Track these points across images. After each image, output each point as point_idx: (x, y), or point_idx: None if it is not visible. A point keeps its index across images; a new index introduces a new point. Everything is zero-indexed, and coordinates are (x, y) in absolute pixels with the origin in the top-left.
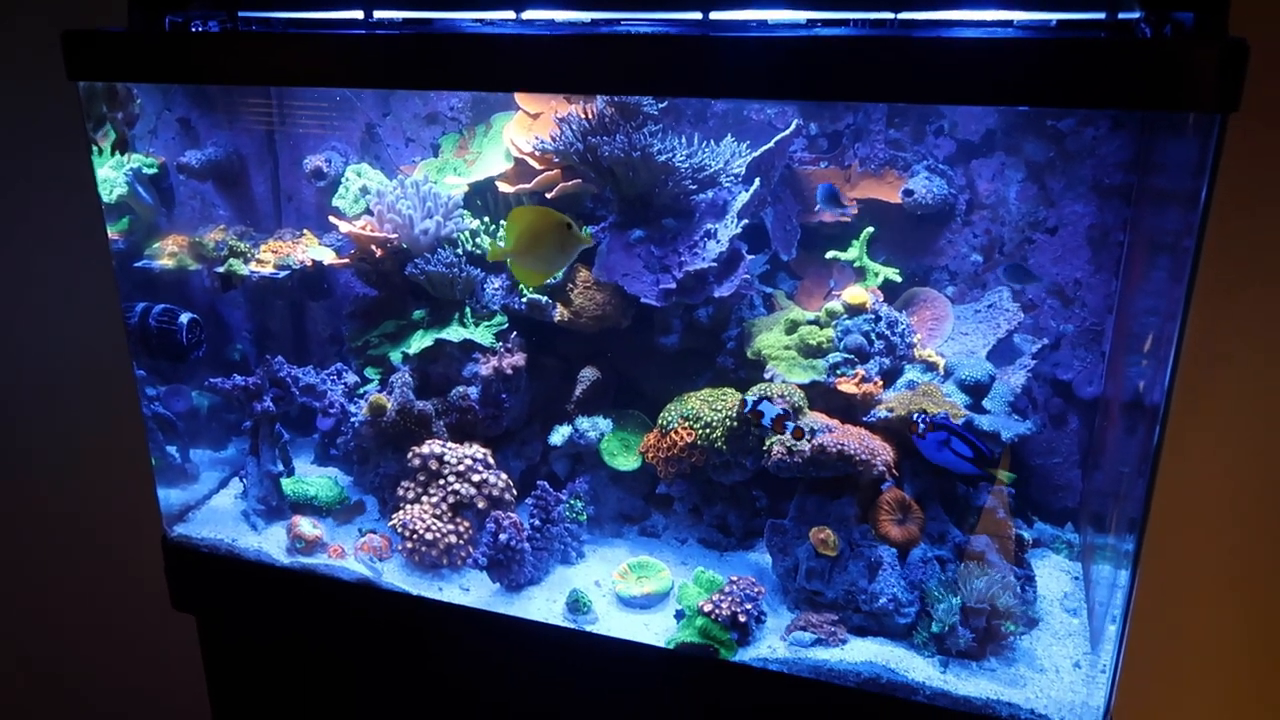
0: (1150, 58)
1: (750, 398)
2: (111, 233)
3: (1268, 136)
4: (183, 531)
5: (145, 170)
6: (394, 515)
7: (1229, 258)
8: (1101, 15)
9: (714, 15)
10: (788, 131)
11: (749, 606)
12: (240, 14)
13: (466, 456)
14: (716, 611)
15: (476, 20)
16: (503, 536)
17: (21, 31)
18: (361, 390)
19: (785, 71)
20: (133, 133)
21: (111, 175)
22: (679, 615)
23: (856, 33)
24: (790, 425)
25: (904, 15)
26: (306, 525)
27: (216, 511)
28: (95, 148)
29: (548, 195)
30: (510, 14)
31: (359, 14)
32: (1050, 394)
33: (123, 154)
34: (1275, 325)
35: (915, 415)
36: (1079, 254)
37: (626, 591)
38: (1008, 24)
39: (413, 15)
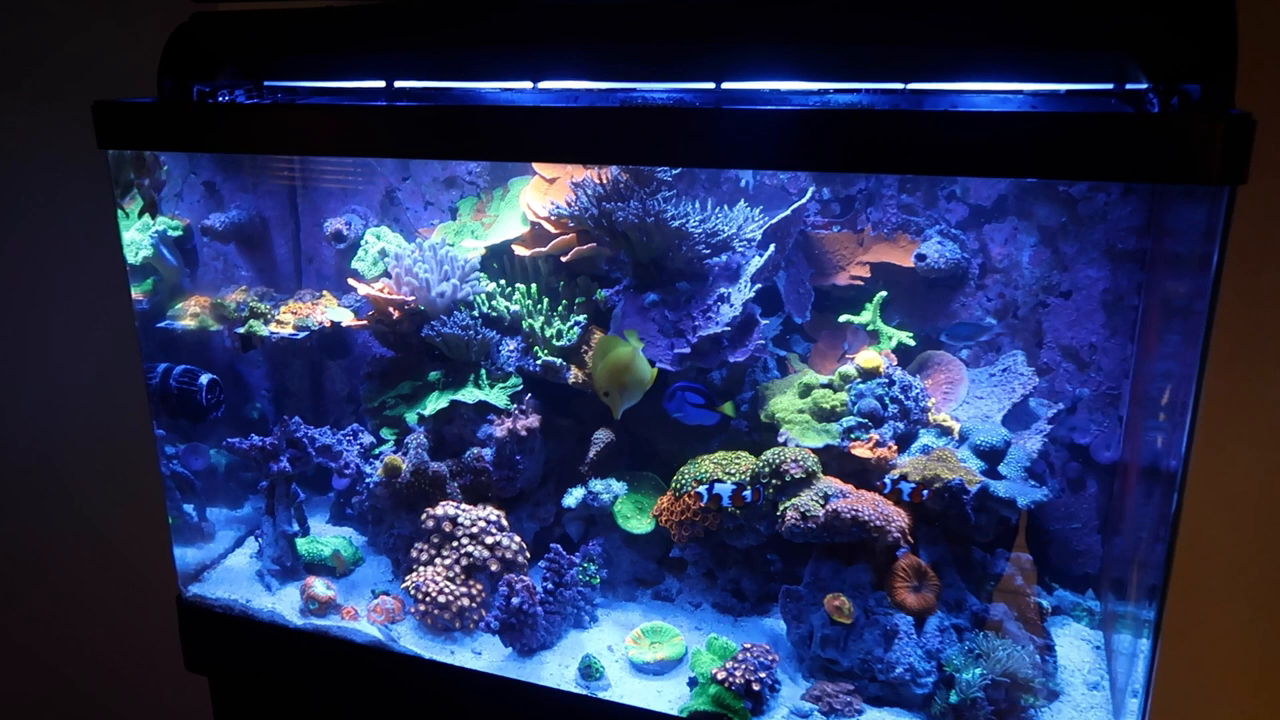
0: (1155, 132)
1: (702, 490)
2: (136, 293)
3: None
4: (198, 591)
5: (170, 232)
6: (407, 577)
7: (1243, 321)
8: (1110, 86)
9: (726, 85)
10: (804, 200)
11: (763, 675)
12: (266, 83)
13: (480, 518)
14: (730, 679)
15: (495, 88)
16: (515, 600)
17: (51, 96)
18: (377, 451)
19: (797, 143)
20: (160, 196)
21: (138, 238)
22: (692, 682)
23: (868, 103)
24: (747, 495)
25: (914, 86)
26: (320, 586)
27: (231, 571)
28: (122, 211)
29: (563, 259)
30: (527, 84)
31: (380, 83)
32: (1068, 458)
33: (151, 218)
34: None
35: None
36: (1093, 318)
37: (640, 657)
38: (1017, 94)
39: (432, 85)
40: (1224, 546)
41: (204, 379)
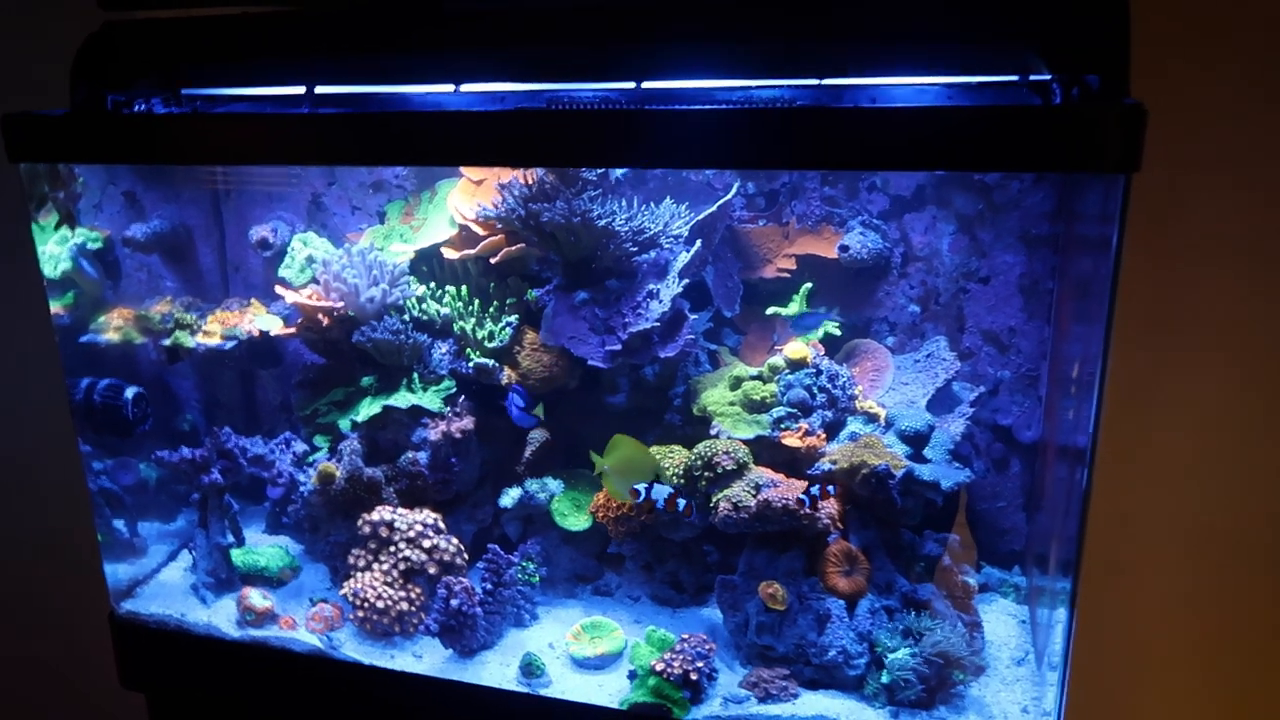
0: (1053, 123)
1: (640, 486)
2: (56, 308)
3: (1175, 182)
4: (131, 607)
5: (90, 245)
6: (345, 584)
7: (1145, 301)
8: (1015, 78)
9: (646, 84)
10: (729, 195)
11: (700, 664)
12: (183, 91)
13: (417, 522)
14: (668, 670)
15: (419, 92)
16: (454, 602)
17: None
18: (310, 459)
19: (721, 141)
20: (77, 208)
21: (56, 251)
22: (632, 675)
23: (789, 99)
24: (681, 502)
25: (829, 81)
26: (257, 597)
27: (165, 586)
28: (37, 225)
29: (492, 260)
30: (449, 87)
31: (300, 89)
32: (991, 439)
33: (70, 229)
34: (1196, 359)
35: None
36: (1011, 302)
37: (580, 653)
38: (932, 85)
39: (353, 91)
40: (1136, 518)
41: (129, 393)
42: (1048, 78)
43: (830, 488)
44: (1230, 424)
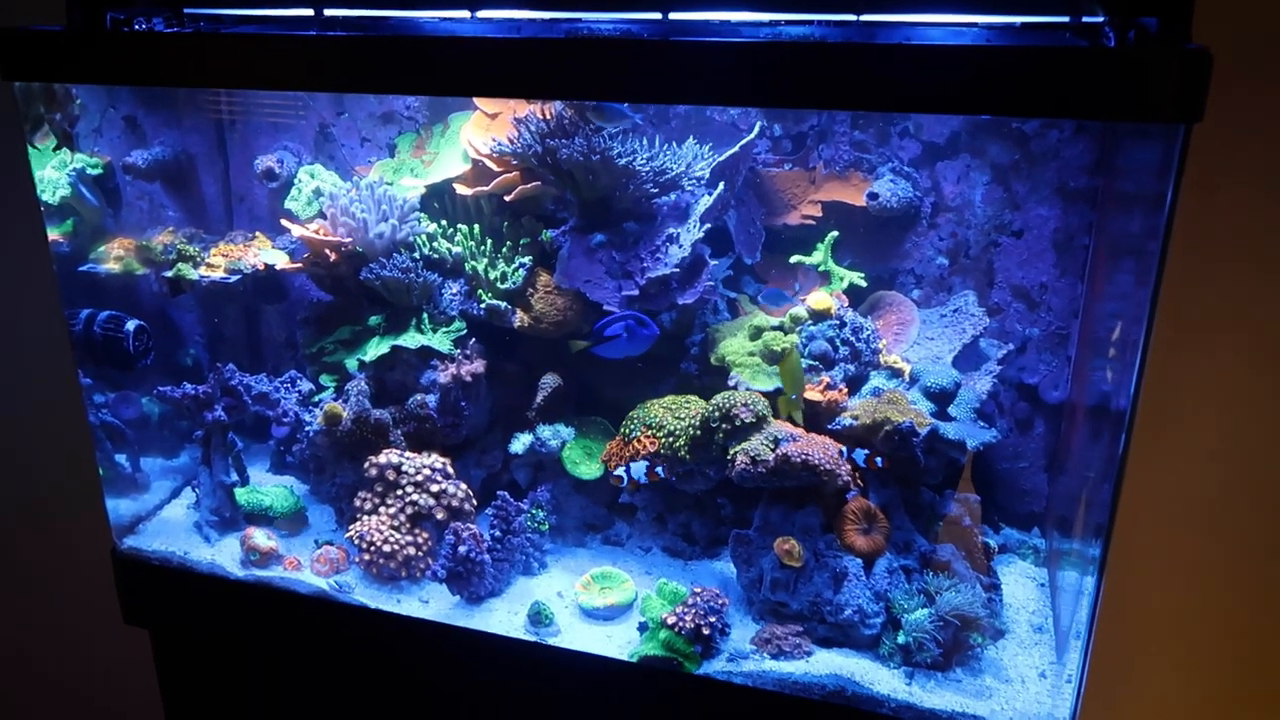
0: (1109, 68)
1: (621, 472)
2: (55, 235)
3: (1232, 137)
4: (133, 544)
5: (90, 170)
6: (351, 527)
7: (1195, 261)
8: (1065, 19)
9: (673, 15)
10: (751, 135)
11: (712, 619)
12: (186, 10)
13: (425, 466)
14: (680, 624)
15: (431, 18)
16: (462, 548)
17: None
18: (316, 398)
19: (747, 78)
20: (75, 131)
21: (54, 176)
22: (642, 628)
23: (820, 35)
24: (661, 470)
25: (866, 17)
26: (261, 537)
27: (168, 523)
28: (33, 148)
29: (507, 198)
30: (465, 13)
31: (309, 11)
32: (1016, 398)
33: (71, 151)
34: (1241, 327)
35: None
36: (1044, 258)
37: (589, 603)
38: (972, 26)
39: (364, 14)
40: (1170, 485)
41: (130, 325)
42: (1100, 19)
43: (878, 460)
44: (1266, 398)
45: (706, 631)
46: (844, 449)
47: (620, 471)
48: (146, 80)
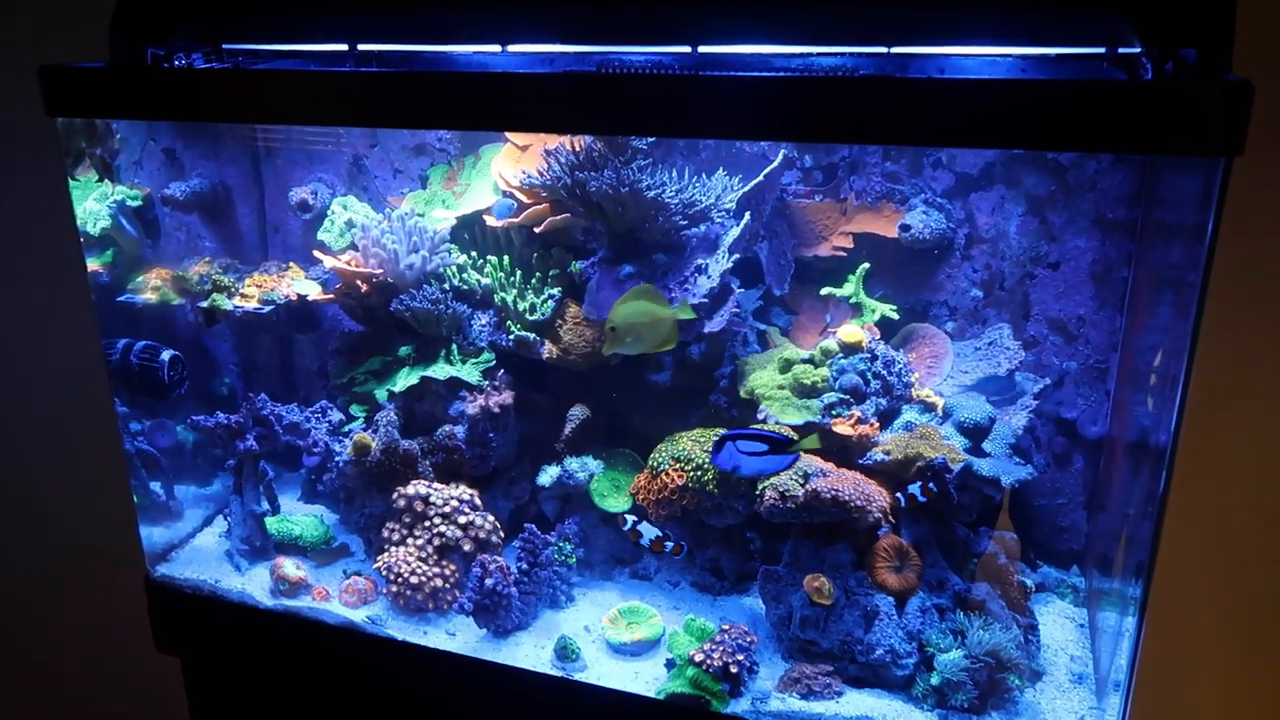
0: (1149, 101)
1: (631, 517)
2: (95, 265)
3: (1275, 167)
4: (166, 571)
5: (130, 202)
6: (379, 558)
7: (1237, 293)
8: (1102, 49)
9: (703, 49)
10: (775, 164)
11: (741, 657)
12: (224, 46)
13: (453, 498)
14: (708, 662)
15: (464, 52)
16: (489, 581)
17: None
18: (346, 428)
19: (778, 112)
20: (116, 164)
21: (95, 208)
22: (670, 664)
23: (851, 67)
24: (669, 545)
25: (898, 50)
26: (290, 567)
27: (200, 551)
28: (73, 180)
29: (536, 230)
30: (497, 47)
31: (344, 46)
32: (1054, 433)
33: (111, 183)
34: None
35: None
36: (1081, 290)
37: (616, 638)
38: (1006, 58)
39: (398, 49)
40: (1212, 524)
41: (166, 355)
42: (1137, 50)
43: (932, 484)
44: None
45: (735, 670)
46: (899, 494)
47: (629, 517)
48: (186, 116)
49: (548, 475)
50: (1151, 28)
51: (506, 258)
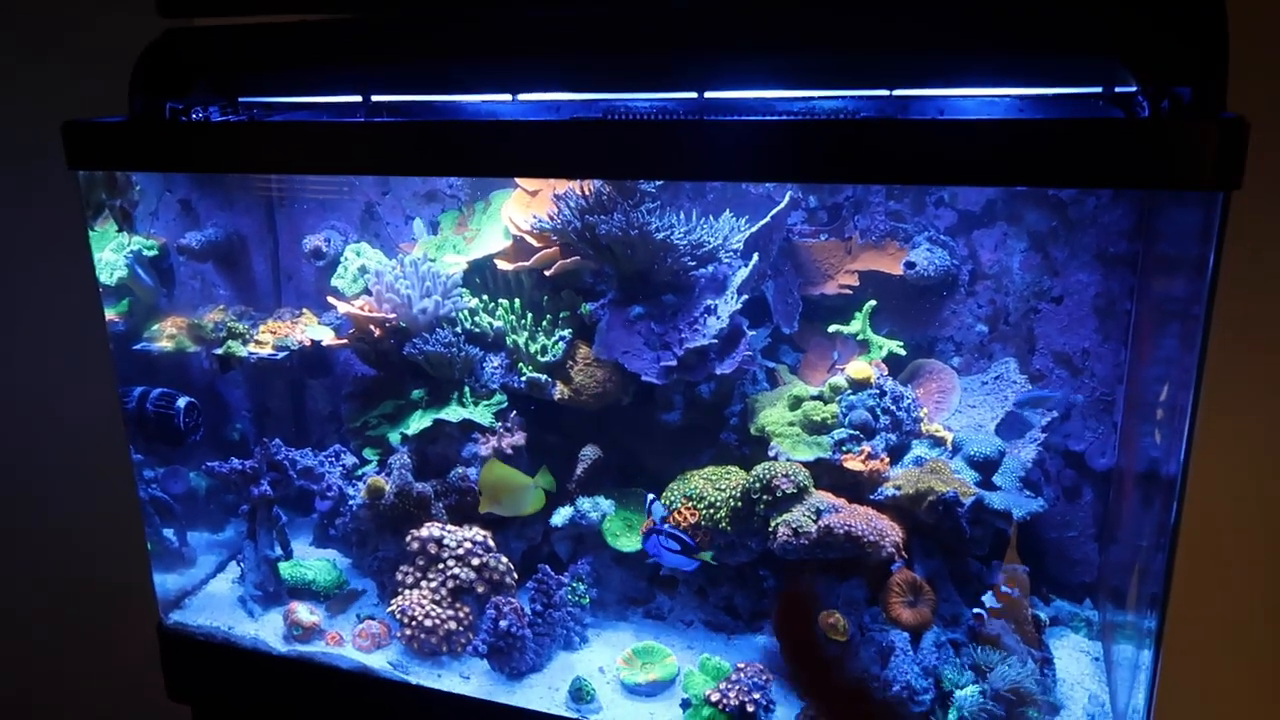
0: (1145, 138)
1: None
2: (111, 314)
3: (1274, 199)
4: (179, 619)
5: (146, 252)
6: (393, 601)
7: (1240, 325)
8: (1098, 89)
9: (708, 94)
10: (781, 205)
11: (757, 695)
12: (240, 100)
13: (466, 539)
14: (724, 701)
15: (474, 101)
16: (503, 623)
17: (19, 116)
18: (360, 472)
19: (783, 155)
20: (134, 215)
21: (112, 258)
22: (685, 704)
23: (853, 110)
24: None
25: (899, 92)
26: (304, 612)
27: (213, 597)
28: (93, 231)
29: (547, 273)
30: (506, 96)
31: (357, 98)
32: (1062, 466)
33: (129, 234)
34: None
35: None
36: (1086, 323)
37: (631, 679)
38: (1004, 98)
39: (410, 99)
40: (1224, 554)
41: (181, 402)
42: (1133, 89)
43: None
44: None
45: (751, 708)
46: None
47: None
48: (204, 167)
49: (560, 516)
50: (1146, 67)
51: (518, 300)
